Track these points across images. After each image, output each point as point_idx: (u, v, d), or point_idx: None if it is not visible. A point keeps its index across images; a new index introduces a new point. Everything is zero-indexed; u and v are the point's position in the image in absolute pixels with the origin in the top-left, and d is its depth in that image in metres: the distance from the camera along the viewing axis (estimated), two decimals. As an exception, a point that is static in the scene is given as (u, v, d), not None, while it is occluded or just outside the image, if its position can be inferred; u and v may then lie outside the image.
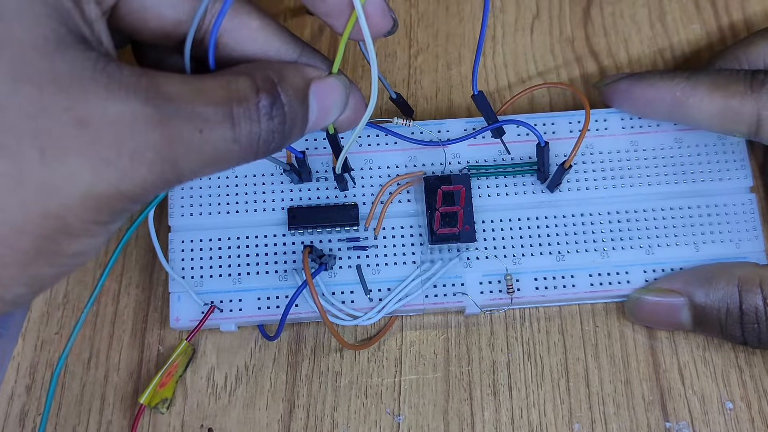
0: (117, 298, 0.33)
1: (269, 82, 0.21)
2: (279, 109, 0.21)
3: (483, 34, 0.28)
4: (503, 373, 0.31)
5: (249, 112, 0.20)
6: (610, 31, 0.38)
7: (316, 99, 0.23)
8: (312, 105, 0.23)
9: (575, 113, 0.33)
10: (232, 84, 0.20)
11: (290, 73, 0.22)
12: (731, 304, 0.29)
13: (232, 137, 0.20)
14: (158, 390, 0.30)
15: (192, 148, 0.19)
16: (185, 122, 0.19)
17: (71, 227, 0.18)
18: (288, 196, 0.32)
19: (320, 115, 0.23)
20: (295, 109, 0.22)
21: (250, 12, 0.23)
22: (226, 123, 0.20)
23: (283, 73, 0.22)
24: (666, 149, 0.33)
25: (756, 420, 0.30)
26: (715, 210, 0.32)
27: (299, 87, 0.22)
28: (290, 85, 0.22)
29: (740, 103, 0.29)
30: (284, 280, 0.31)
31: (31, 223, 0.17)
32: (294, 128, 0.22)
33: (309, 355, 0.32)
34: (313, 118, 0.23)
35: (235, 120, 0.20)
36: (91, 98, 0.17)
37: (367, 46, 0.22)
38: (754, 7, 0.38)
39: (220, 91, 0.20)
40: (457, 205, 0.31)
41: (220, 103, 0.20)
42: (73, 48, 0.18)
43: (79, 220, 0.18)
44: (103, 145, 0.17)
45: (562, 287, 0.31)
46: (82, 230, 0.18)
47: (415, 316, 0.32)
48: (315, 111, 0.23)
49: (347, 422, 0.31)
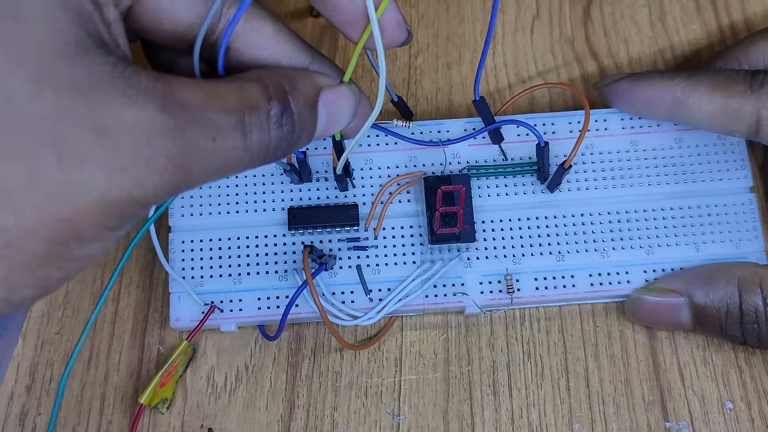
0: (117, 299, 0.33)
1: (280, 90, 0.21)
2: (289, 118, 0.21)
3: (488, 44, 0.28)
4: (503, 373, 0.31)
5: (260, 121, 0.20)
6: (611, 31, 0.38)
7: (326, 107, 0.23)
8: (321, 113, 0.23)
9: (575, 113, 0.33)
10: (244, 90, 0.20)
11: (301, 81, 0.22)
12: (731, 304, 0.29)
13: (243, 145, 0.20)
14: (158, 390, 0.30)
15: (204, 156, 0.19)
16: (199, 130, 0.19)
17: (83, 232, 0.18)
18: (288, 196, 0.32)
19: (329, 124, 0.23)
20: (305, 117, 0.22)
21: (263, 17, 0.23)
22: (238, 131, 0.20)
23: (294, 81, 0.22)
24: (666, 149, 0.33)
25: (756, 420, 0.30)
26: (715, 210, 0.32)
27: (309, 95, 0.22)
28: (300, 93, 0.22)
29: (740, 103, 0.29)
30: (284, 280, 0.31)
31: (44, 227, 0.17)
32: (302, 136, 0.22)
33: (309, 355, 0.32)
34: (321, 126, 0.23)
35: (247, 128, 0.20)
36: (109, 104, 0.17)
37: (378, 57, 0.22)
38: (754, 7, 0.38)
39: (233, 98, 0.20)
40: (457, 205, 0.31)
41: (233, 111, 0.20)
42: (93, 52, 0.18)
43: (91, 225, 0.18)
44: (119, 152, 0.17)
45: (562, 287, 0.31)
46: (93, 235, 0.18)
47: (415, 317, 0.32)
48: (324, 119, 0.23)
49: (347, 422, 0.31)
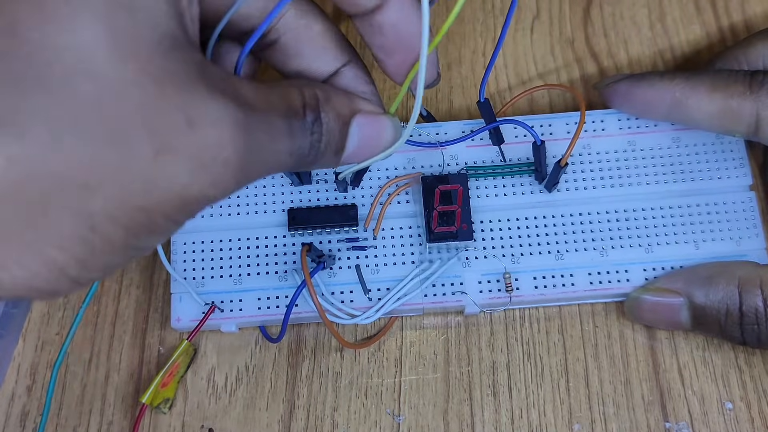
0: (118, 299, 0.33)
1: (314, 99, 0.22)
2: (318, 126, 0.22)
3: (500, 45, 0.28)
4: (503, 373, 0.31)
5: (302, 126, 0.21)
6: (610, 32, 0.38)
7: (360, 129, 0.23)
8: (353, 133, 0.23)
9: (572, 114, 0.33)
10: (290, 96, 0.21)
11: (337, 98, 0.23)
12: (731, 305, 0.29)
13: (290, 149, 0.21)
14: (160, 390, 0.30)
15: (262, 156, 0.20)
16: (263, 131, 0.19)
17: (155, 224, 0.18)
18: (288, 197, 0.32)
19: (361, 147, 0.23)
20: (333, 131, 0.22)
21: (316, 16, 0.24)
22: (288, 134, 0.20)
23: (329, 95, 0.22)
24: (664, 149, 0.33)
25: (756, 420, 0.30)
26: (714, 208, 0.32)
27: (342, 112, 0.23)
28: (333, 107, 0.22)
29: (739, 103, 0.29)
30: (284, 280, 0.31)
31: (126, 215, 0.17)
32: (328, 149, 0.22)
33: (309, 355, 0.32)
34: (352, 147, 0.23)
35: (293, 132, 0.20)
36: (197, 99, 0.18)
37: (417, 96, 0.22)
38: (754, 8, 0.38)
39: (281, 102, 0.20)
40: (454, 204, 0.31)
41: (283, 115, 0.20)
42: (185, 48, 0.18)
43: (164, 218, 0.18)
44: (205, 148, 0.18)
45: (561, 286, 0.31)
46: (162, 228, 0.18)
47: (415, 317, 0.32)
48: (356, 140, 0.23)
49: (347, 422, 0.31)
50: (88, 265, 0.18)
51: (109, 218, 0.17)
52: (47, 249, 0.17)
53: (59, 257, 0.17)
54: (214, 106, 0.18)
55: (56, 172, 0.16)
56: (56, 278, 0.17)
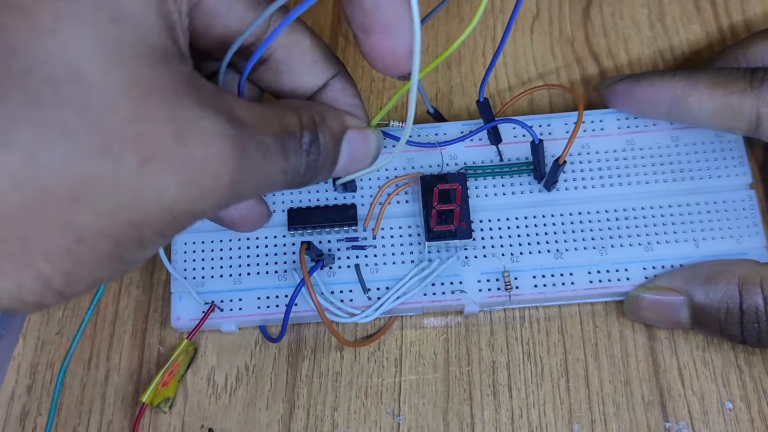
0: (117, 299, 0.33)
1: (312, 121, 0.22)
2: (316, 147, 0.22)
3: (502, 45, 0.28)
4: (503, 373, 0.31)
5: (296, 146, 0.21)
6: (610, 32, 0.38)
7: (349, 145, 0.24)
8: (344, 150, 0.24)
9: (571, 114, 0.33)
10: (286, 117, 0.21)
11: (330, 117, 0.23)
12: (731, 303, 0.29)
13: (283, 168, 0.21)
14: (160, 389, 0.30)
15: (255, 174, 0.20)
16: (254, 148, 0.19)
17: (144, 238, 0.18)
18: (288, 197, 0.32)
19: (350, 161, 0.24)
20: (329, 149, 0.23)
21: (304, 31, 0.25)
22: (281, 153, 0.21)
23: (324, 115, 0.23)
24: (663, 148, 0.33)
25: (756, 420, 0.30)
26: (714, 207, 0.32)
27: (336, 131, 0.23)
28: (328, 127, 0.23)
29: (740, 100, 0.29)
30: (284, 279, 0.31)
31: (114, 229, 0.17)
32: (324, 167, 0.23)
33: (309, 355, 0.32)
34: (343, 161, 0.24)
35: (287, 151, 0.21)
36: (186, 113, 0.18)
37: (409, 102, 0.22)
38: (754, 8, 0.38)
39: (276, 122, 0.21)
40: (453, 203, 0.31)
41: (277, 134, 0.20)
42: (174, 60, 0.18)
43: (153, 232, 0.18)
44: (193, 162, 0.18)
45: (561, 285, 0.31)
46: (151, 242, 0.18)
47: (414, 317, 0.32)
48: (346, 156, 0.24)
49: (347, 422, 0.31)
50: (74, 278, 0.17)
51: (97, 230, 0.17)
52: (33, 260, 0.16)
53: (45, 269, 0.17)
54: (204, 120, 0.18)
55: (42, 183, 0.16)
56: (41, 290, 0.17)
